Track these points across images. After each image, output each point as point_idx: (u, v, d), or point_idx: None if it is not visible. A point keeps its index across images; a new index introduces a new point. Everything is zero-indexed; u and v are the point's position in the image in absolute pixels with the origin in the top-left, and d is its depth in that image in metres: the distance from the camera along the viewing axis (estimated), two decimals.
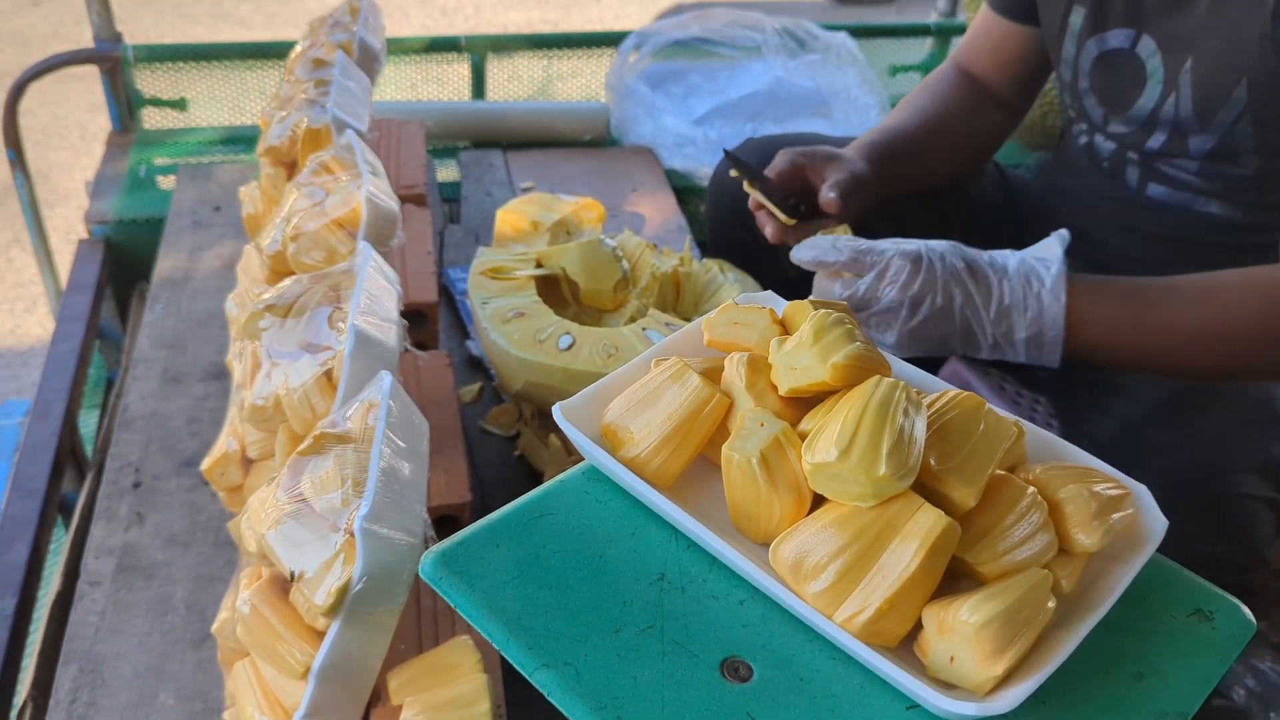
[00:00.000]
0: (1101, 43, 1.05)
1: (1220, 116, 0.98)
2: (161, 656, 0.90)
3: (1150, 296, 0.88)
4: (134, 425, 1.13)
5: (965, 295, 0.88)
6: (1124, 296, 0.89)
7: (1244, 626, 0.55)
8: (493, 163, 1.68)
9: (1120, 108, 1.06)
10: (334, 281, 0.93)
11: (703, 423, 0.57)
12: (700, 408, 0.57)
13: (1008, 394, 1.44)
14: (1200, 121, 0.99)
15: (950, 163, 1.23)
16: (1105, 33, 1.05)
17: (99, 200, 1.59)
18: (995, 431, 0.54)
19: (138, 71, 1.73)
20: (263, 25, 4.27)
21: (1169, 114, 1.01)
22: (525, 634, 0.51)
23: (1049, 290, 0.87)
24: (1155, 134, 1.03)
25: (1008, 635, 0.47)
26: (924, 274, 0.87)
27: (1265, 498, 0.89)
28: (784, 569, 0.51)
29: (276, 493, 0.74)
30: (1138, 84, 1.03)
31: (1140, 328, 0.88)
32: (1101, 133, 1.11)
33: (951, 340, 0.92)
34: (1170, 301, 0.88)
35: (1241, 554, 0.88)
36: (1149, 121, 1.03)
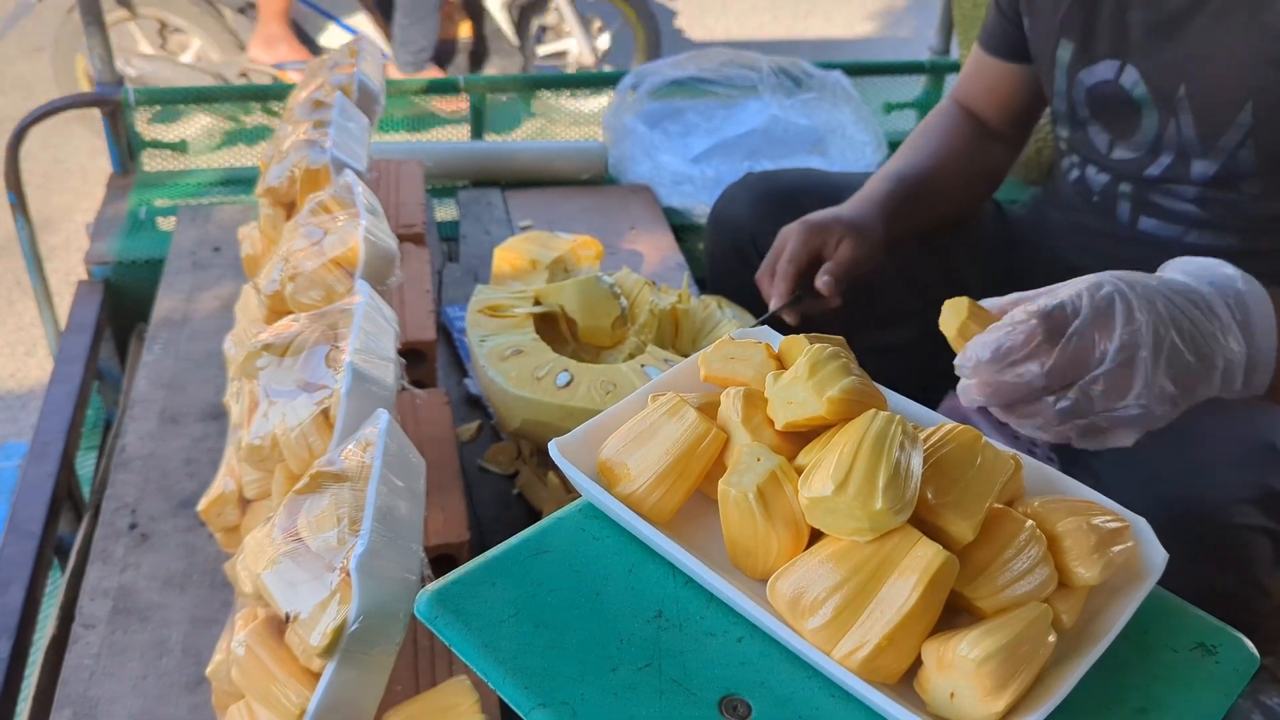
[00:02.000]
0: (1092, 75, 1.06)
1: (1224, 141, 0.98)
2: (156, 700, 0.89)
3: None
4: (131, 466, 1.13)
5: (1193, 323, 0.69)
6: None
7: (1247, 661, 0.55)
8: (491, 202, 1.69)
9: (1125, 134, 1.06)
10: (331, 320, 0.93)
11: (699, 458, 0.57)
12: (697, 443, 0.57)
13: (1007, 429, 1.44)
14: (1203, 146, 1.00)
15: (958, 201, 1.24)
16: (1094, 65, 1.06)
17: (99, 242, 1.59)
18: (992, 465, 0.54)
19: (138, 114, 1.75)
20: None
21: (1172, 140, 1.02)
22: (521, 673, 0.51)
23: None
24: (1159, 159, 1.04)
25: (1008, 671, 0.47)
26: (1136, 309, 0.67)
27: (1263, 528, 0.88)
28: (782, 605, 0.51)
29: (272, 532, 0.73)
30: (1135, 112, 1.04)
31: None
32: (1097, 164, 1.12)
33: (1200, 383, 0.72)
34: None
35: (1240, 586, 0.88)
36: (1154, 147, 1.04)
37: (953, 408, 1.51)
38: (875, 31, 4.78)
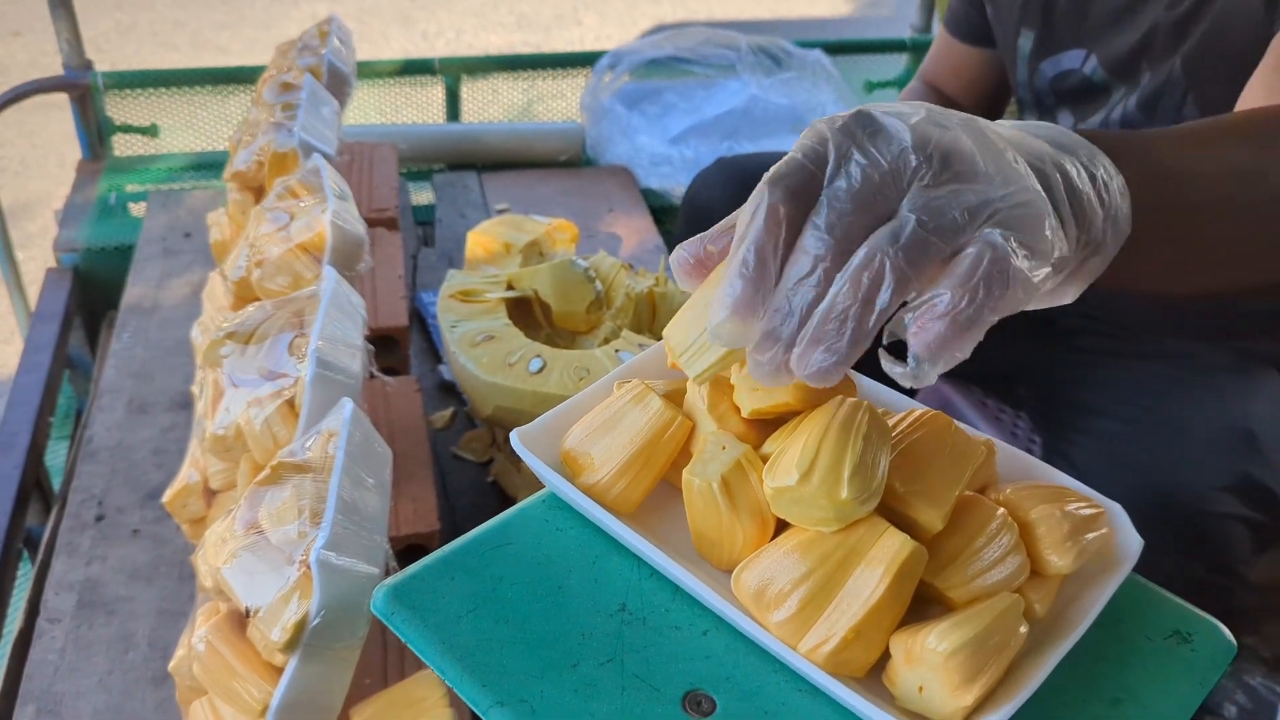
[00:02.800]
0: (1056, 64, 1.05)
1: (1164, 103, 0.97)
2: (122, 695, 0.87)
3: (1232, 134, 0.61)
4: (98, 457, 1.11)
5: None
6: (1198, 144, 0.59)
7: (1224, 648, 0.54)
8: (467, 185, 1.67)
9: (1088, 115, 1.05)
10: (298, 307, 0.91)
11: (664, 447, 0.55)
12: (662, 432, 0.55)
13: (989, 410, 1.44)
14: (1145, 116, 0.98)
15: None
16: (1059, 54, 1.04)
17: (67, 229, 1.57)
18: (963, 451, 0.52)
19: (108, 99, 1.72)
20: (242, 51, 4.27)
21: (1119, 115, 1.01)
22: (479, 670, 0.49)
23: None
24: None
25: (978, 663, 0.46)
26: None
27: (1241, 516, 0.87)
28: (746, 597, 0.49)
29: (233, 525, 0.72)
30: (1103, 94, 1.03)
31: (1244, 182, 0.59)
32: None
33: None
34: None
35: (1216, 576, 0.87)
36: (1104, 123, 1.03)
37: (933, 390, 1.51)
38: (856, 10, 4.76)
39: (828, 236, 0.41)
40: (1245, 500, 0.88)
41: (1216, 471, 0.88)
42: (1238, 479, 0.88)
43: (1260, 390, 0.96)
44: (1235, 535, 0.87)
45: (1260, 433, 0.92)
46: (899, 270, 0.40)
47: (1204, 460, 0.89)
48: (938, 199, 0.41)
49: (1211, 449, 0.90)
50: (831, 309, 0.41)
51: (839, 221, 0.41)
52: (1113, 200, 0.48)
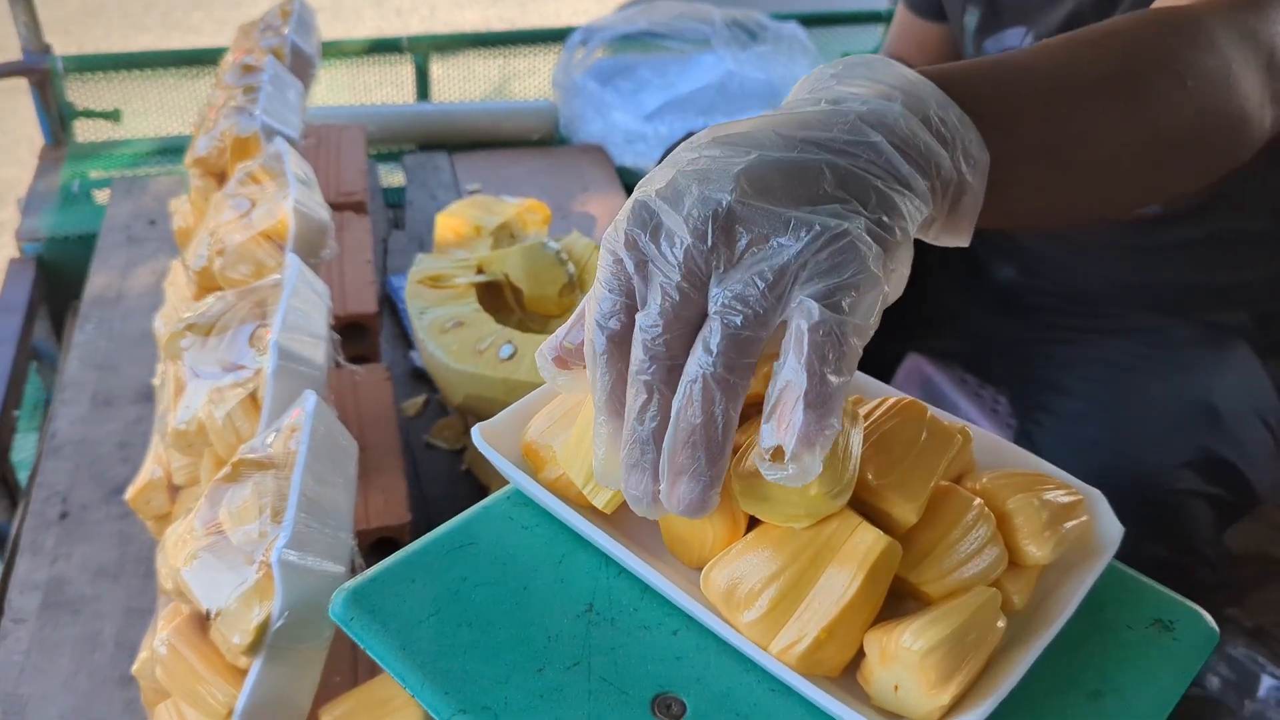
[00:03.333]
0: (998, 42, 1.03)
1: None
2: (88, 697, 0.85)
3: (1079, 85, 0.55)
4: (62, 452, 1.08)
5: None
6: (1040, 96, 0.53)
7: (1206, 636, 0.53)
8: (438, 166, 1.64)
9: None
10: (260, 297, 0.89)
11: None
12: None
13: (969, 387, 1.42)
14: None
15: None
16: (1001, 32, 1.02)
17: (30, 217, 1.53)
18: (939, 440, 0.51)
19: (69, 83, 1.68)
20: (213, 32, 4.20)
21: None
22: (441, 677, 0.48)
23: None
24: None
25: (954, 661, 0.44)
26: None
27: (1203, 493, 0.86)
28: (716, 597, 0.48)
29: (193, 525, 0.70)
30: None
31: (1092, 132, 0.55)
32: None
33: None
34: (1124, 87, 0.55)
35: (1179, 556, 0.86)
36: None
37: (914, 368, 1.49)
38: None
39: (647, 359, 0.41)
40: (1206, 476, 0.87)
41: (1176, 448, 0.87)
42: (1198, 455, 0.87)
43: (1225, 364, 0.95)
44: (1197, 512, 0.86)
45: (1223, 407, 0.91)
46: (723, 382, 0.40)
47: (1163, 437, 0.88)
48: (737, 285, 0.40)
49: (1171, 426, 0.89)
50: (677, 437, 0.40)
51: (654, 344, 0.40)
52: (953, 133, 0.46)
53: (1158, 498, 0.85)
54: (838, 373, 0.40)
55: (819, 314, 0.39)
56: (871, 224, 0.41)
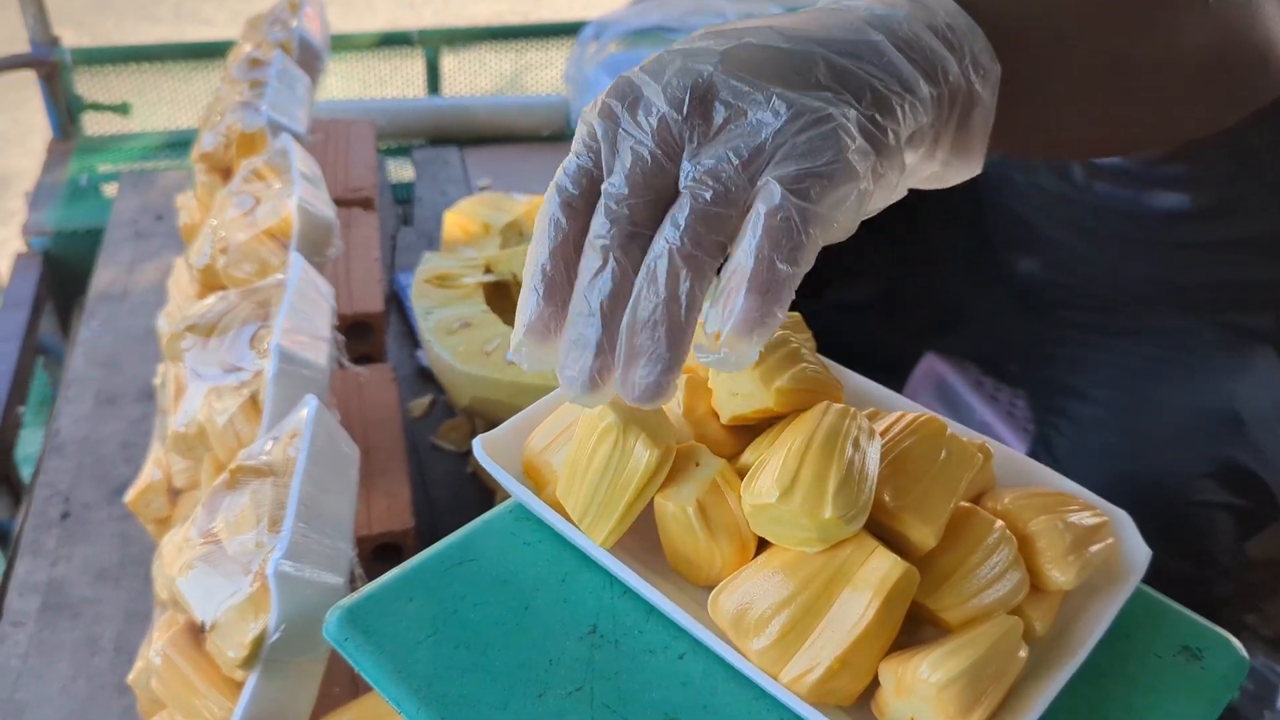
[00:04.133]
0: None
1: None
2: (86, 703, 0.84)
3: None
4: (65, 451, 1.07)
5: None
6: None
7: (1236, 665, 0.50)
8: (449, 161, 1.62)
9: None
10: (263, 297, 0.87)
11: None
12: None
13: (985, 389, 1.40)
14: None
15: None
16: None
17: (37, 211, 1.52)
18: (958, 459, 0.48)
19: (77, 75, 1.66)
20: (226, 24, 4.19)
21: None
22: (437, 701, 0.46)
23: None
24: None
25: (974, 693, 0.42)
26: None
27: (1224, 504, 0.84)
28: (725, 623, 0.46)
29: (189, 533, 0.68)
30: None
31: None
32: None
33: None
34: None
35: (1197, 569, 0.83)
36: None
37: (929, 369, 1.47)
38: None
39: (608, 222, 0.38)
40: (1228, 487, 0.84)
41: (1197, 457, 0.84)
42: (1220, 464, 0.84)
43: (1249, 369, 0.92)
44: (1218, 523, 0.84)
45: (1246, 415, 0.88)
46: (689, 256, 0.37)
47: (1183, 446, 0.85)
48: (709, 160, 0.38)
49: (1191, 434, 0.86)
50: (638, 316, 0.38)
51: (618, 207, 0.38)
52: (961, 40, 0.43)
53: (1177, 509, 0.83)
54: (789, 262, 0.37)
55: (779, 199, 0.37)
56: (864, 119, 0.39)
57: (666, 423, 0.49)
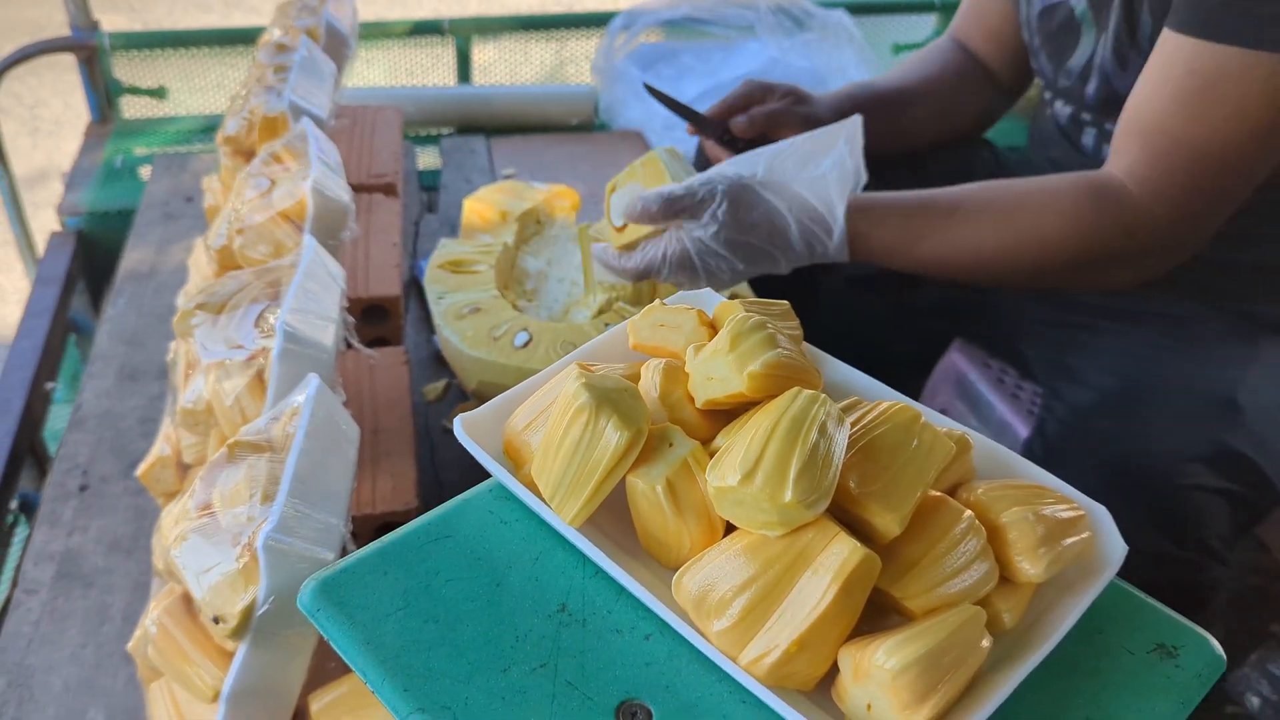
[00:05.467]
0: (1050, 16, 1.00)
1: (1134, 61, 0.91)
2: (94, 670, 0.86)
3: (931, 218, 0.90)
4: (85, 425, 1.09)
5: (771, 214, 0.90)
6: (905, 219, 0.91)
7: (1211, 664, 0.50)
8: (474, 149, 1.63)
9: (1062, 59, 1.00)
10: (274, 277, 0.88)
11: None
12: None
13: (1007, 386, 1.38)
14: (1119, 65, 0.93)
15: (931, 129, 1.19)
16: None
17: (73, 192, 1.55)
18: (930, 449, 0.48)
19: (115, 59, 1.69)
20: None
21: (1097, 61, 0.96)
22: (403, 673, 0.46)
23: (834, 217, 0.90)
24: (1091, 82, 0.98)
25: (930, 681, 0.42)
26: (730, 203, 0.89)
27: (1218, 489, 0.83)
28: (687, 603, 0.46)
29: (188, 505, 0.69)
30: (1075, 34, 0.98)
31: (921, 249, 0.90)
32: (1052, 90, 1.06)
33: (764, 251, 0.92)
34: (952, 223, 0.89)
35: (1187, 551, 0.82)
36: (1084, 71, 0.98)
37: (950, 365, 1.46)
38: None
39: None
40: (1221, 472, 0.83)
41: (1189, 441, 0.84)
42: (1213, 449, 0.83)
43: (1254, 357, 0.91)
44: (1209, 508, 0.83)
45: (1244, 401, 0.87)
46: None
47: (1175, 430, 0.85)
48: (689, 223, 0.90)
49: (1184, 418, 0.85)
50: None
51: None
52: (823, 248, 0.91)
53: (1165, 491, 0.82)
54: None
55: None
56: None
57: (640, 405, 0.49)
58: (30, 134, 3.26)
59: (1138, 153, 0.85)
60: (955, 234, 0.90)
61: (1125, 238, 0.85)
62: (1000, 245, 0.89)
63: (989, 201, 0.90)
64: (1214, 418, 0.87)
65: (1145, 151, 0.84)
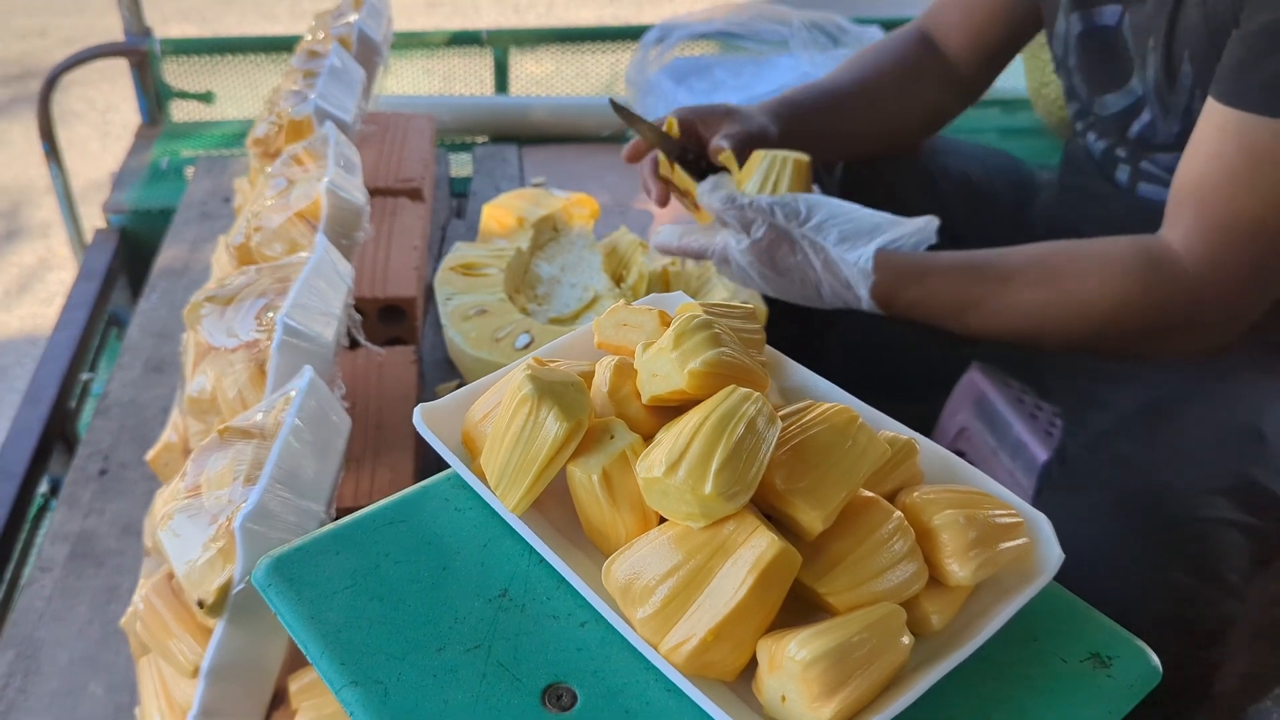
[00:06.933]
0: (1087, 19, 0.98)
1: (1175, 99, 0.91)
2: (98, 645, 0.89)
3: (977, 283, 0.90)
4: (110, 413, 1.13)
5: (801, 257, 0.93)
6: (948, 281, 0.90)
7: (1145, 675, 0.50)
8: (506, 158, 1.66)
9: (1103, 88, 0.99)
10: (284, 274, 0.91)
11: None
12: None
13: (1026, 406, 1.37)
14: (1162, 105, 0.92)
15: (884, 131, 1.15)
16: (1092, 9, 0.98)
17: (118, 191, 1.61)
18: (864, 451, 0.49)
19: (166, 65, 1.75)
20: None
21: (1145, 97, 0.95)
22: (341, 648, 0.48)
23: (860, 294, 0.92)
24: (1139, 118, 0.96)
25: (840, 674, 0.43)
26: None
27: (1236, 522, 0.81)
28: (615, 591, 0.47)
29: (177, 487, 0.72)
30: (1123, 64, 0.96)
31: (965, 318, 0.91)
32: (1084, 120, 1.05)
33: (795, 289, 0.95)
34: (998, 289, 0.89)
35: (1197, 582, 0.81)
36: (1133, 106, 0.96)
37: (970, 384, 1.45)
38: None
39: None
40: (1242, 505, 0.82)
41: (1210, 473, 0.82)
42: (1235, 482, 0.82)
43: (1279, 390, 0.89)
44: (1227, 542, 0.81)
45: (1269, 432, 0.86)
46: None
47: (1196, 461, 0.83)
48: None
49: (1207, 449, 0.84)
50: None
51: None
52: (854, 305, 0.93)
53: (1182, 522, 0.81)
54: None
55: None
56: None
57: (583, 398, 0.51)
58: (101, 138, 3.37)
59: (1192, 225, 0.84)
60: (1004, 300, 0.89)
61: (1181, 309, 0.85)
62: (1048, 311, 0.89)
63: (1039, 266, 0.89)
64: (1237, 449, 0.86)
65: (1200, 225, 0.84)
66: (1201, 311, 0.85)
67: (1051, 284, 0.88)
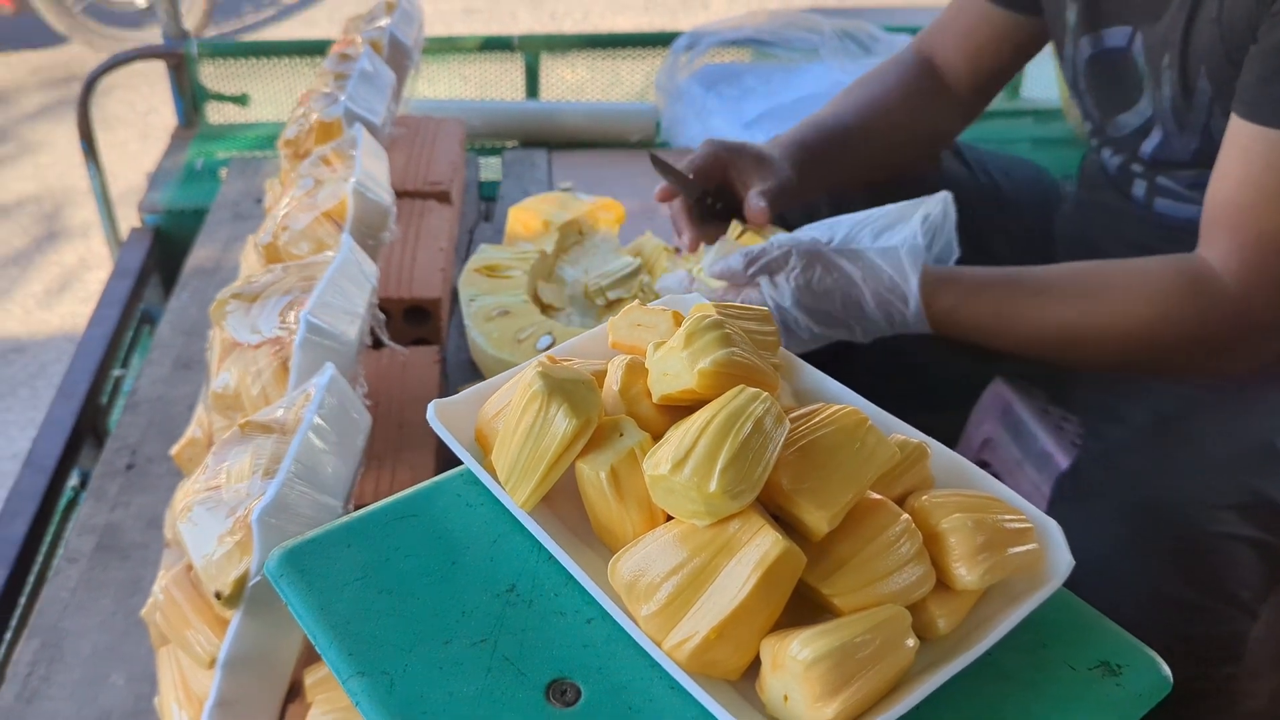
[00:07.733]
0: (1096, 42, 0.98)
1: (1193, 116, 0.90)
2: (121, 636, 0.90)
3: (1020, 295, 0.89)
4: (139, 408, 1.15)
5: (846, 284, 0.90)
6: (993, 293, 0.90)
7: (1155, 684, 0.49)
8: (535, 162, 1.67)
9: (1115, 109, 0.98)
10: (309, 272, 0.93)
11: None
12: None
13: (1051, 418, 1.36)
14: (1179, 121, 0.91)
15: (887, 161, 1.14)
16: (1100, 31, 0.97)
17: (154, 191, 1.64)
18: (872, 453, 0.49)
19: (202, 67, 1.78)
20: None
21: (1158, 114, 0.94)
22: (349, 639, 0.49)
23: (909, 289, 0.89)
24: (1149, 137, 0.96)
25: (843, 675, 0.43)
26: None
27: (1248, 538, 0.80)
28: (620, 587, 0.48)
29: (198, 480, 0.73)
30: (1133, 84, 0.95)
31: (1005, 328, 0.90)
32: (1099, 137, 1.04)
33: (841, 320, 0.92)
34: (1038, 301, 0.89)
35: (1208, 599, 0.80)
36: (1144, 126, 0.96)
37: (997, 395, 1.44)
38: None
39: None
40: (1254, 521, 0.81)
41: (1223, 489, 0.81)
42: (1248, 498, 0.81)
43: None
44: (1239, 558, 0.80)
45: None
46: None
47: (1209, 476, 0.82)
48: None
49: (1220, 465, 0.83)
50: None
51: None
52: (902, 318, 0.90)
53: (1193, 537, 0.80)
54: None
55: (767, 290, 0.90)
56: None
57: (593, 395, 0.51)
58: (141, 139, 3.43)
59: (1227, 244, 0.84)
60: (1044, 312, 0.88)
61: (1224, 326, 0.84)
62: (1087, 326, 0.88)
63: (1078, 281, 0.89)
64: (1251, 464, 0.85)
65: (1235, 244, 0.83)
66: (1244, 328, 0.84)
67: (1093, 298, 0.87)
